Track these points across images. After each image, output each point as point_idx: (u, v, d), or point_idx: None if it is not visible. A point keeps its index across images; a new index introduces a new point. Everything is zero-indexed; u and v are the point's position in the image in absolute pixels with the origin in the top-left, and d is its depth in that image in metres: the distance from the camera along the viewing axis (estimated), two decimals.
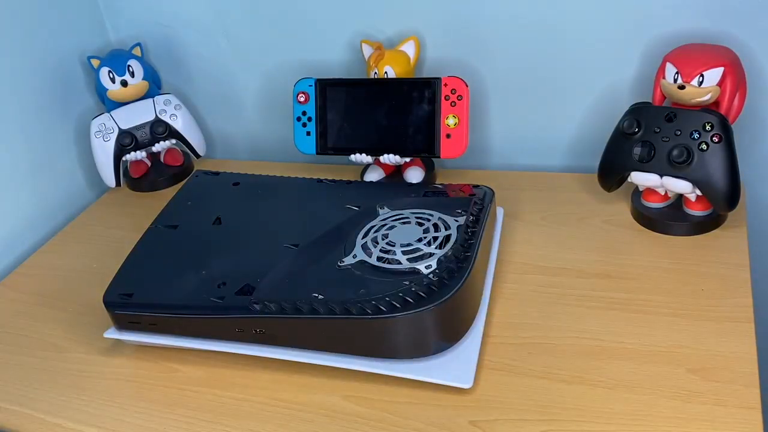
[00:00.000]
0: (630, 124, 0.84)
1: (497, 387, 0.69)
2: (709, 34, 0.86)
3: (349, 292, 0.70)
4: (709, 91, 0.80)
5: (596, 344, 0.72)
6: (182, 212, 0.88)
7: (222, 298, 0.73)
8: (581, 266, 0.83)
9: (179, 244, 0.83)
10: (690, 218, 0.86)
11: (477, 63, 1.01)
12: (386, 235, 0.77)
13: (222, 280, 0.75)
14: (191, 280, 0.77)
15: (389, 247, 0.75)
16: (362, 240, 0.77)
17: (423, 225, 0.78)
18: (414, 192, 0.87)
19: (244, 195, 0.91)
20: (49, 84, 1.09)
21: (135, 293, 0.77)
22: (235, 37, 1.13)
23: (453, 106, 0.94)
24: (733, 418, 0.62)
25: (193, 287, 0.76)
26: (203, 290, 0.75)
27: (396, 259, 0.73)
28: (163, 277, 0.78)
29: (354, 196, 0.87)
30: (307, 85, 0.99)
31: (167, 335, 0.76)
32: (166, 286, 0.77)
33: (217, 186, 0.93)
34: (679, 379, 0.67)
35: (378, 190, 0.92)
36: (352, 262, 0.74)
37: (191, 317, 0.74)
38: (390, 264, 0.73)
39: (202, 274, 0.77)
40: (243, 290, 0.73)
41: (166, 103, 1.10)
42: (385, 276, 0.71)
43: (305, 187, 0.92)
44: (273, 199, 0.89)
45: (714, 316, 0.73)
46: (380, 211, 0.82)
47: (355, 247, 0.76)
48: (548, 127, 1.04)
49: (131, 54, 1.09)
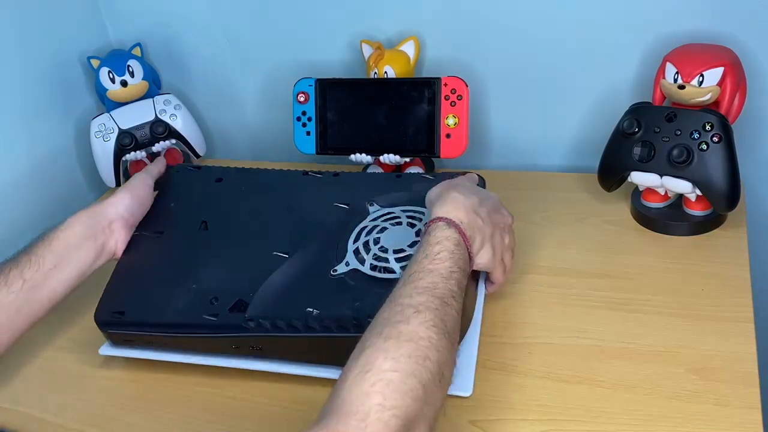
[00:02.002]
0: (630, 124, 0.84)
1: (497, 387, 0.69)
2: (709, 34, 0.86)
3: (344, 306, 0.69)
4: (709, 91, 0.80)
5: (596, 344, 0.72)
6: (167, 216, 0.85)
7: (216, 316, 0.72)
8: (581, 266, 0.83)
9: (166, 254, 0.80)
10: (690, 218, 0.86)
11: (477, 63, 1.01)
12: (378, 240, 0.75)
13: (214, 295, 0.73)
14: (183, 296, 0.74)
15: (382, 253, 0.73)
16: (353, 245, 0.75)
17: (414, 226, 0.76)
18: (404, 184, 0.84)
19: (228, 194, 0.87)
20: (49, 84, 1.09)
21: (126, 311, 0.75)
22: (235, 37, 1.13)
23: (453, 106, 0.94)
24: (733, 418, 0.62)
25: (185, 304, 0.74)
26: (196, 306, 0.73)
27: (390, 267, 0.72)
28: (153, 293, 0.76)
29: (342, 190, 0.84)
30: (307, 85, 0.99)
31: (163, 352, 0.75)
32: (157, 303, 0.75)
33: (200, 183, 0.89)
34: (679, 379, 0.67)
35: (366, 183, 0.88)
36: (345, 270, 0.73)
37: (186, 336, 0.73)
38: (383, 273, 0.72)
39: (193, 288, 0.75)
40: (236, 306, 0.72)
41: (166, 103, 1.10)
42: (379, 286, 0.70)
43: (291, 181, 0.88)
44: (258, 198, 0.86)
45: (714, 316, 0.73)
46: (370, 208, 0.80)
47: (347, 254, 0.75)
48: (548, 127, 1.04)
49: (131, 54, 1.08)
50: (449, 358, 0.57)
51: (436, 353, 0.55)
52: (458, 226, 0.67)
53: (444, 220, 0.67)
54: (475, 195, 0.71)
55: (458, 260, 0.64)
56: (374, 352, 0.54)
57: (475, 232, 0.68)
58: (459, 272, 0.63)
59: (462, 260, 0.65)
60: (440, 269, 0.62)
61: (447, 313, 0.59)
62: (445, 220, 0.67)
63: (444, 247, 0.65)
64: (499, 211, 0.74)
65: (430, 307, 0.58)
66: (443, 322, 0.58)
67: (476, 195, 0.72)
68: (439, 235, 0.66)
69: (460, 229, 0.67)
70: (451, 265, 0.63)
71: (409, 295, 0.59)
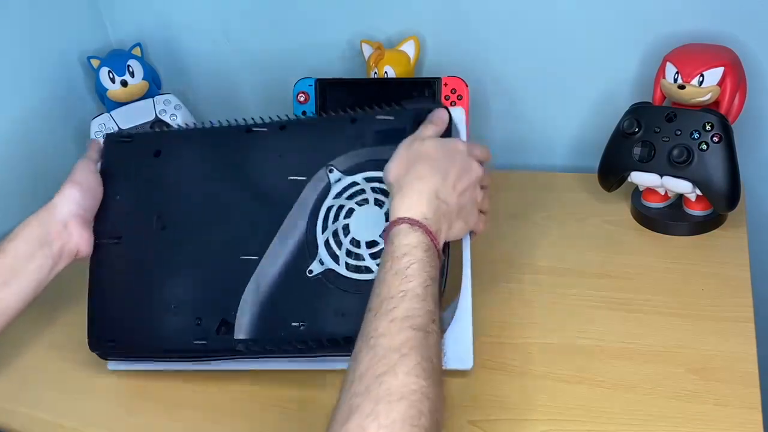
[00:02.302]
0: (630, 124, 0.84)
1: (497, 387, 0.69)
2: (709, 34, 0.86)
3: (328, 316, 0.69)
4: (709, 91, 0.80)
5: (596, 344, 0.72)
6: (118, 214, 0.79)
7: (205, 340, 0.72)
8: (581, 266, 0.83)
9: (133, 267, 0.77)
10: (690, 218, 0.86)
11: (477, 63, 1.01)
12: (347, 228, 0.72)
13: (196, 316, 0.73)
14: (166, 319, 0.74)
15: (354, 248, 0.71)
16: (323, 236, 0.72)
17: (382, 205, 0.72)
18: (361, 133, 0.75)
19: (172, 174, 0.79)
20: (49, 84, 1.09)
21: (116, 340, 0.75)
22: (235, 37, 1.13)
23: (453, 106, 0.93)
24: (733, 418, 0.62)
25: (171, 329, 0.73)
26: (183, 332, 0.73)
27: (365, 266, 0.70)
28: (136, 318, 0.75)
29: (294, 151, 0.76)
30: (307, 85, 0.99)
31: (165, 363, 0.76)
32: (144, 330, 0.74)
33: (137, 159, 0.80)
34: (679, 379, 0.67)
35: (319, 136, 0.77)
36: (321, 270, 0.71)
37: (181, 360, 0.74)
38: (360, 273, 0.70)
39: (173, 309, 0.74)
40: (221, 326, 0.72)
41: (166, 103, 1.10)
42: (359, 288, 0.69)
43: (235, 145, 0.78)
44: (206, 177, 0.78)
45: (714, 316, 0.73)
46: (330, 176, 0.74)
47: (318, 249, 0.72)
48: (548, 127, 1.04)
49: (131, 54, 1.08)
50: (440, 400, 0.53)
51: (429, 403, 0.51)
52: (424, 226, 0.62)
53: (407, 222, 0.62)
54: (437, 170, 0.66)
55: (430, 269, 0.60)
56: (364, 420, 0.49)
57: (442, 221, 0.64)
58: (433, 283, 0.59)
59: (433, 265, 0.61)
60: (414, 289, 0.58)
61: (431, 345, 0.55)
62: (407, 222, 0.62)
63: (413, 258, 0.60)
64: (467, 172, 0.68)
65: (414, 347, 0.53)
66: (430, 361, 0.54)
67: (439, 169, 0.66)
68: (406, 243, 0.61)
69: (426, 228, 0.62)
70: (425, 278, 0.59)
71: (389, 333, 0.54)
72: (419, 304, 0.57)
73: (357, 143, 0.75)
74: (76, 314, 0.86)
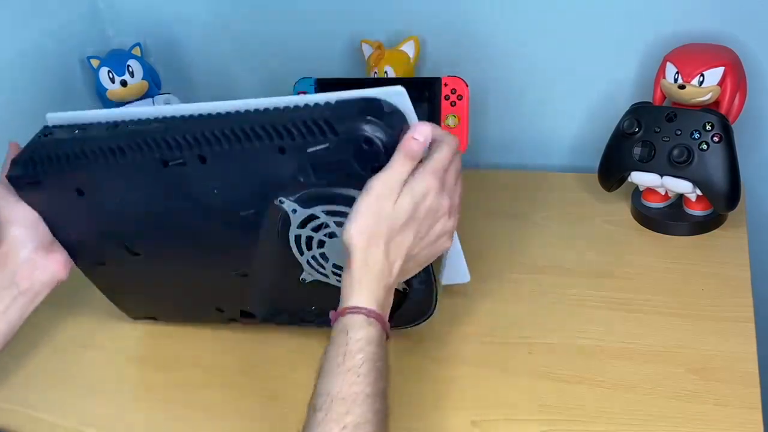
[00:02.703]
0: (630, 124, 0.84)
1: (497, 387, 0.69)
2: (709, 34, 0.86)
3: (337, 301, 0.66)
4: (709, 91, 0.80)
5: (596, 344, 0.72)
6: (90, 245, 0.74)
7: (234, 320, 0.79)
8: (581, 266, 0.83)
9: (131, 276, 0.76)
10: (690, 218, 0.86)
11: (477, 63, 1.01)
12: (324, 255, 0.66)
13: (216, 306, 0.78)
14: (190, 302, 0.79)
15: (339, 270, 0.66)
16: (303, 259, 0.67)
17: None
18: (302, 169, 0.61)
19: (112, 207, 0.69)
20: (49, 84, 1.09)
21: (158, 317, 0.83)
22: (235, 37, 1.13)
23: (453, 106, 0.93)
24: (734, 418, 0.62)
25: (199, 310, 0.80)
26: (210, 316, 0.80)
27: None
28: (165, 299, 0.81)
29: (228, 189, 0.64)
30: (307, 85, 0.99)
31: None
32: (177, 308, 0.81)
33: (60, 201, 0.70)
34: (679, 379, 0.67)
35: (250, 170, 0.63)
36: (312, 279, 0.70)
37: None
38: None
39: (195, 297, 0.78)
40: (244, 314, 0.77)
41: (165, 103, 1.10)
42: None
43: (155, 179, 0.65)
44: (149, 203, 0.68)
45: (714, 316, 0.73)
46: (285, 208, 0.63)
47: (302, 266, 0.68)
48: (548, 127, 1.04)
49: (131, 54, 1.08)
50: None
51: None
52: (380, 316, 0.58)
53: (363, 313, 0.57)
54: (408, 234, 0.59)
55: (381, 363, 0.56)
56: None
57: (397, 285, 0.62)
58: (382, 378, 0.56)
59: (383, 357, 0.57)
60: (365, 390, 0.54)
61: None
62: (364, 313, 0.57)
63: (366, 355, 0.56)
64: (437, 211, 0.61)
65: None
66: None
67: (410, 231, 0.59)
68: (359, 338, 0.56)
69: (381, 318, 0.58)
70: (376, 377, 0.55)
71: None
72: (371, 408, 0.54)
73: (298, 175, 0.62)
74: (77, 315, 0.86)
